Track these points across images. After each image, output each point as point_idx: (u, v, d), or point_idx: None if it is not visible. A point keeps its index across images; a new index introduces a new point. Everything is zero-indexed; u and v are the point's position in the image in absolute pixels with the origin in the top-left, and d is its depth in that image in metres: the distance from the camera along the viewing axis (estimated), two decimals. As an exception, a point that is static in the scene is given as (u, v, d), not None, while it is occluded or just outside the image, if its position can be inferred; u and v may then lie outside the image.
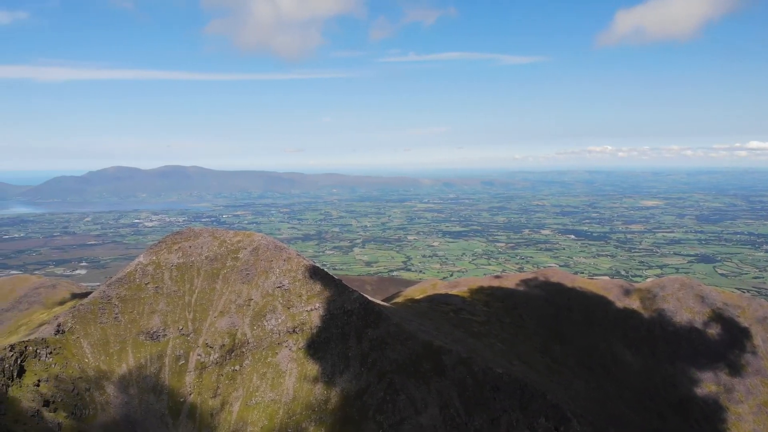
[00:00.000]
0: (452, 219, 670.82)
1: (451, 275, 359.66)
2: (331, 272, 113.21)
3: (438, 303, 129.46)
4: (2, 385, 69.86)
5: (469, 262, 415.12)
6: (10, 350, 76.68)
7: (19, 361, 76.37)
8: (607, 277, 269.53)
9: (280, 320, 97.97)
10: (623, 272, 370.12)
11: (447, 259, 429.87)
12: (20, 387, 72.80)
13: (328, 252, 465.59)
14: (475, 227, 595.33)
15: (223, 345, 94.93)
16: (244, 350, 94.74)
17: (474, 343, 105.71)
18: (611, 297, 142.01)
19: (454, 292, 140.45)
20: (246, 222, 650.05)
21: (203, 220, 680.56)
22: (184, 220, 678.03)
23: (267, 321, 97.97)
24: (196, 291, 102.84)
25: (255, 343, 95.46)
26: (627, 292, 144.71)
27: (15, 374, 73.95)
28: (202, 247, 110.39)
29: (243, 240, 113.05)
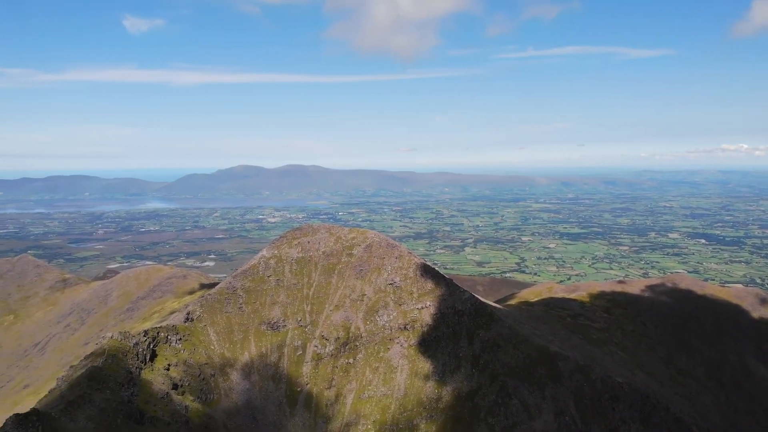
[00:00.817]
0: (570, 220, 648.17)
1: (569, 279, 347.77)
2: (441, 271, 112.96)
3: (554, 307, 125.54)
4: (136, 368, 75.69)
5: (589, 266, 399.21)
6: (144, 335, 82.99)
7: (151, 346, 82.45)
8: (740, 285, 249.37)
9: (391, 317, 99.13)
10: (759, 280, 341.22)
11: (564, 261, 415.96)
12: (152, 370, 78.56)
13: (439, 251, 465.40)
14: (595, 229, 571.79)
15: (338, 338, 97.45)
16: (357, 344, 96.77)
17: (592, 350, 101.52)
18: (745, 306, 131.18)
19: (572, 296, 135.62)
20: (360, 219, 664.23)
21: (321, 216, 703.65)
22: (303, 217, 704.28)
23: (379, 317, 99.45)
24: (314, 284, 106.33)
25: (368, 338, 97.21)
26: (763, 302, 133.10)
27: (148, 358, 79.90)
28: (319, 242, 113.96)
29: (357, 237, 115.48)
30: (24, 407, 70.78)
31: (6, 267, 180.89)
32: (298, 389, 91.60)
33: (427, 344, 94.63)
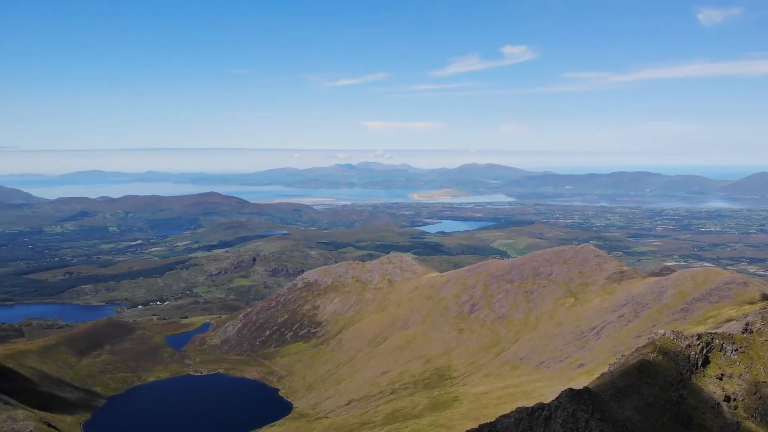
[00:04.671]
0: None
1: None
2: None
3: None
4: (686, 370, 73.37)
5: None
6: (697, 339, 79.59)
7: (704, 351, 78.47)
8: None
9: None
10: None
11: None
12: (703, 376, 74.82)
13: None
14: None
15: None
16: None
17: None
18: None
19: None
20: None
21: None
22: None
23: None
24: None
25: None
26: None
27: (699, 363, 76.44)
28: None
29: None
30: (577, 384, 77.72)
31: (570, 254, 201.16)
32: None
33: None
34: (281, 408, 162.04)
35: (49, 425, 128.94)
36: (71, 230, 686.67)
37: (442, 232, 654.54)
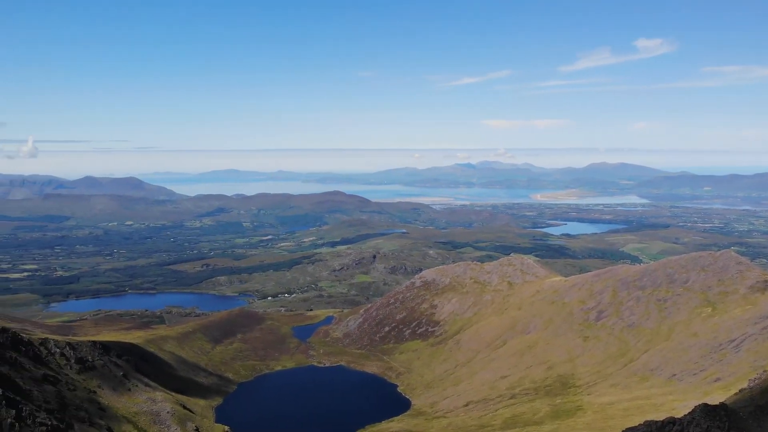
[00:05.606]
0: None
1: None
2: None
3: None
4: None
5: None
6: None
7: None
8: None
9: None
10: None
11: None
12: None
13: None
14: None
15: None
16: None
17: None
18: None
19: None
20: None
21: None
22: None
23: None
24: None
25: None
26: None
27: None
28: None
29: None
30: (713, 399, 72.98)
31: (708, 260, 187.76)
32: None
33: None
34: (400, 404, 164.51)
35: (185, 407, 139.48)
36: (209, 225, 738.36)
37: (567, 235, 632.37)
